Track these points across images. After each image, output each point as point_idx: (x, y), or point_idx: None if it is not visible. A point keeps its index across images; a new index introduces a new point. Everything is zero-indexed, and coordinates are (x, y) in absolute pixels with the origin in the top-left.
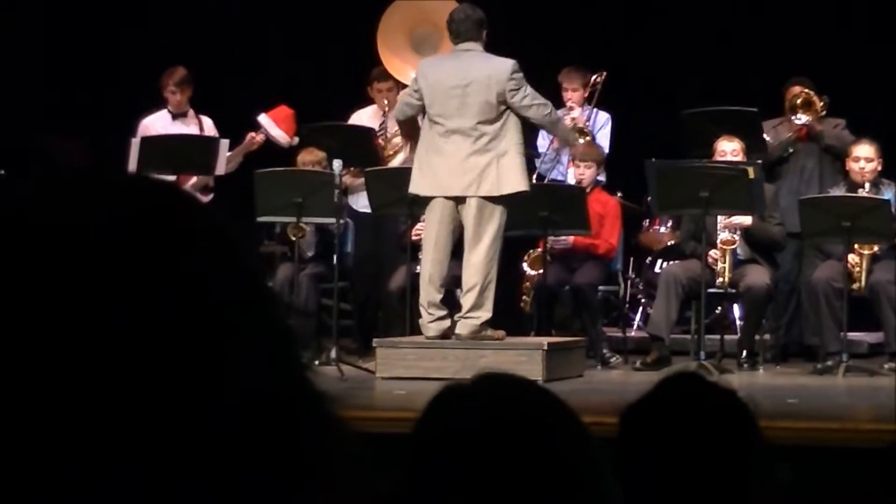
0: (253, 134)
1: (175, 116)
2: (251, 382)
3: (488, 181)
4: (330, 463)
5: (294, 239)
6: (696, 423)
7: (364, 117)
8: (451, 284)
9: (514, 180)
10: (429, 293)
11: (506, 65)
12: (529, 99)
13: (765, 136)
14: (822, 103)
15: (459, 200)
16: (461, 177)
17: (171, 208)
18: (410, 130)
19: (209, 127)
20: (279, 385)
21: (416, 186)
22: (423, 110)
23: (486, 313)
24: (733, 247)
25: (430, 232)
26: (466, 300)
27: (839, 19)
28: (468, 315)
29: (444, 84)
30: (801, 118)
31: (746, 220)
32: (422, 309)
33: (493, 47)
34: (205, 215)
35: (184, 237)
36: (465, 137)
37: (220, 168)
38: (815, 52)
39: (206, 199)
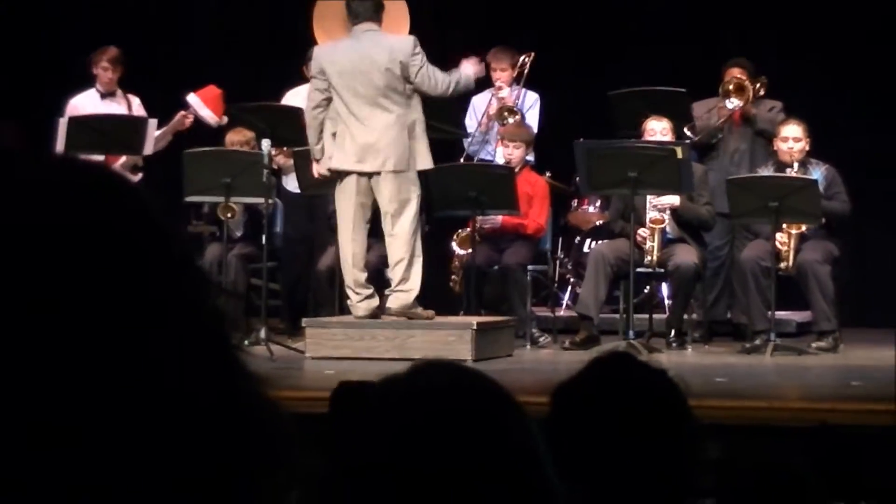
0: (183, 113)
1: (104, 96)
2: (183, 365)
3: (400, 156)
4: (266, 443)
5: (223, 219)
6: (627, 403)
7: (298, 97)
8: (380, 263)
9: (422, 159)
10: (352, 273)
11: (407, 41)
12: (429, 73)
13: (695, 117)
14: (758, 85)
15: (372, 177)
16: (373, 154)
17: (100, 188)
18: (314, 122)
19: (137, 106)
20: (212, 366)
21: (333, 161)
22: (329, 94)
23: (415, 286)
24: (662, 226)
25: (344, 212)
26: (395, 273)
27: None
28: (398, 289)
29: (349, 65)
30: (733, 102)
31: (675, 200)
32: (348, 290)
33: (420, 28)
34: (133, 195)
35: (112, 217)
36: (372, 115)
37: (149, 148)
38: (749, 32)
39: (135, 178)
